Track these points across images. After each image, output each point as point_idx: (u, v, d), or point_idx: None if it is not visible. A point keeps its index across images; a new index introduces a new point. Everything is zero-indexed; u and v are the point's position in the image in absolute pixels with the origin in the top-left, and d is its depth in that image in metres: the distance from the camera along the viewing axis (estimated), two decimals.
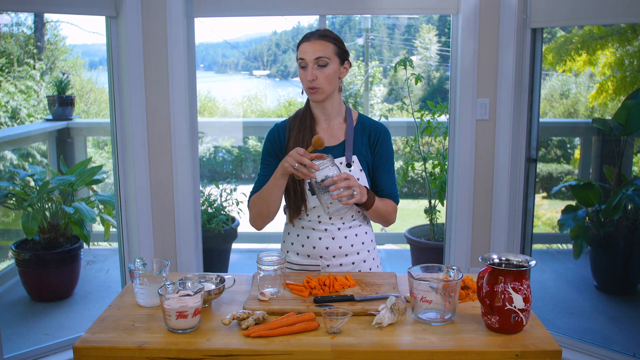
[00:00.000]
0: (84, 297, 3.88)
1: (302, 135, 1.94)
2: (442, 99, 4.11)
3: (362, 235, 2.00)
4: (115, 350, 1.42)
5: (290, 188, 1.92)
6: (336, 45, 1.89)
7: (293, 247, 2.00)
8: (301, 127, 1.95)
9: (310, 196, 1.91)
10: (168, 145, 3.27)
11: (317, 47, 1.86)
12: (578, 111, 6.29)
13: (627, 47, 4.38)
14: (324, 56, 1.85)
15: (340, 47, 1.90)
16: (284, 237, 2.05)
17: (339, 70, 1.90)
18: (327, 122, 1.97)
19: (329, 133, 1.97)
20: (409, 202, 7.57)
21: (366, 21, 10.05)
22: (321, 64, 1.86)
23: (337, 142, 1.96)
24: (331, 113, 1.96)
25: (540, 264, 3.98)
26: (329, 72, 1.87)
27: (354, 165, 1.92)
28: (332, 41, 1.88)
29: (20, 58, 6.45)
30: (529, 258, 1.50)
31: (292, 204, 1.95)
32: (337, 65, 1.89)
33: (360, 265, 1.99)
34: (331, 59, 1.87)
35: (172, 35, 3.17)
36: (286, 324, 1.49)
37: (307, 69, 1.87)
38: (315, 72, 1.86)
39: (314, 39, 1.87)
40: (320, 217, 1.94)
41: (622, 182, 3.70)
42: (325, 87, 1.88)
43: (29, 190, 3.76)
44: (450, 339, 1.45)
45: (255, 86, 11.61)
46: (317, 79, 1.86)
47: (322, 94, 1.89)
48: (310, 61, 1.86)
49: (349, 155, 1.93)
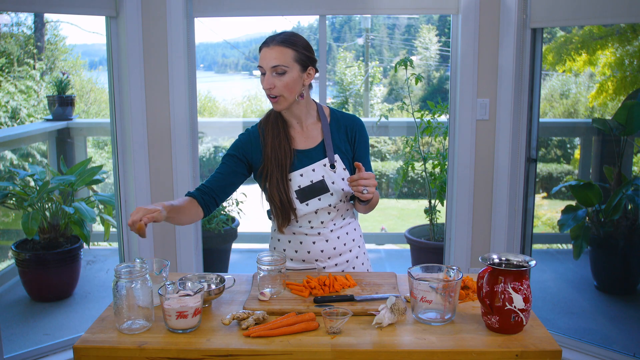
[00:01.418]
0: (84, 297, 3.88)
1: (278, 140, 1.88)
2: (442, 99, 4.11)
3: (352, 232, 1.99)
4: (115, 350, 1.42)
5: (275, 198, 1.86)
6: (297, 51, 1.78)
7: (286, 253, 1.96)
8: (275, 132, 1.89)
9: (298, 204, 1.87)
10: (168, 145, 3.27)
11: (275, 54, 1.76)
12: (578, 111, 6.30)
13: (627, 47, 4.38)
14: (281, 64, 1.76)
15: (302, 53, 1.80)
16: (273, 244, 1.99)
17: (300, 77, 1.81)
18: (300, 125, 1.92)
19: (305, 135, 1.92)
20: (409, 202, 7.58)
21: (366, 21, 10.06)
22: (279, 72, 1.77)
23: (315, 143, 1.92)
24: (301, 115, 1.90)
25: (540, 264, 3.98)
26: (287, 81, 1.78)
27: (337, 165, 1.89)
28: (292, 47, 1.78)
29: (20, 58, 6.46)
30: (529, 258, 1.50)
31: (280, 213, 1.89)
32: (298, 72, 1.79)
33: (353, 262, 1.99)
34: (290, 67, 1.77)
35: (172, 35, 3.17)
36: (286, 324, 1.49)
37: (265, 76, 1.80)
38: (273, 80, 1.78)
39: (272, 45, 1.78)
40: (311, 222, 1.90)
41: (622, 182, 3.70)
42: (285, 94, 1.80)
43: (29, 190, 3.76)
44: (450, 339, 1.45)
45: (255, 86, 11.61)
46: (275, 87, 1.78)
47: (283, 102, 1.81)
48: (268, 69, 1.77)
49: (331, 155, 1.89)
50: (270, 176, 1.87)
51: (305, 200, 1.87)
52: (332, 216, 1.91)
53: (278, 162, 1.86)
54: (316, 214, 1.89)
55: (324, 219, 1.91)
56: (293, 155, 1.88)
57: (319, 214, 1.89)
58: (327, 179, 1.87)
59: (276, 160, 1.86)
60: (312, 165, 1.88)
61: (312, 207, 1.87)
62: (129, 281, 1.48)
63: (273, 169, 1.86)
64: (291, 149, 1.88)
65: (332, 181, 1.87)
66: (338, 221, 1.94)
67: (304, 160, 1.88)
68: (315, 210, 1.88)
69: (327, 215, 1.90)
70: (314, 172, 1.87)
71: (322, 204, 1.87)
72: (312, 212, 1.88)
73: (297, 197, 1.86)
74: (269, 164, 1.87)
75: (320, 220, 1.90)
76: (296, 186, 1.87)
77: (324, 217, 1.90)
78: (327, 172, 1.88)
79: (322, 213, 1.90)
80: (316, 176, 1.87)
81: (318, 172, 1.87)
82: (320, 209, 1.88)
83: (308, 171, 1.87)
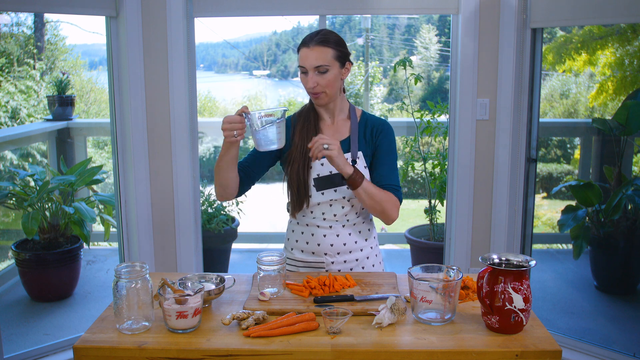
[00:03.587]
0: (84, 297, 3.88)
1: (306, 130, 1.95)
2: (442, 99, 4.11)
3: (365, 232, 2.01)
4: (115, 350, 1.42)
5: (293, 182, 1.93)
6: (336, 49, 1.86)
7: (297, 244, 2.01)
8: (305, 123, 1.97)
9: (314, 192, 1.92)
10: (168, 145, 3.27)
11: (316, 54, 1.84)
12: (578, 111, 6.30)
13: (627, 47, 4.38)
14: (323, 64, 1.84)
15: (340, 50, 1.88)
16: (288, 235, 2.06)
17: (340, 73, 1.89)
18: (331, 119, 1.99)
19: (334, 129, 1.99)
20: (409, 202, 7.58)
21: (366, 21, 10.06)
22: (321, 71, 1.85)
23: (341, 138, 1.97)
24: (334, 110, 1.98)
25: (540, 264, 3.98)
26: (329, 78, 1.86)
27: (359, 161, 1.94)
28: (332, 46, 1.86)
29: (20, 58, 6.46)
30: (529, 258, 1.50)
31: (295, 198, 1.95)
32: (338, 69, 1.88)
33: (363, 262, 2.01)
34: (331, 65, 1.85)
35: (172, 35, 3.17)
36: (286, 324, 1.49)
37: (307, 75, 1.87)
38: (316, 78, 1.85)
39: (312, 45, 1.85)
40: (324, 214, 1.95)
41: (622, 182, 3.70)
42: (328, 91, 1.88)
43: (29, 190, 3.76)
44: (450, 339, 1.45)
45: (255, 86, 11.63)
46: (318, 85, 1.86)
47: (325, 98, 1.90)
48: (310, 69, 1.85)
49: (355, 151, 1.94)
50: (293, 162, 1.94)
51: (321, 189, 1.92)
52: (346, 211, 1.94)
53: (302, 150, 1.93)
54: (331, 207, 1.94)
55: (337, 212, 1.94)
56: None
57: (333, 206, 1.94)
58: None
59: (302, 147, 1.93)
60: None
61: (327, 197, 1.92)
62: (129, 281, 1.48)
63: (297, 155, 1.93)
64: None
65: None
66: (352, 217, 1.97)
67: None
68: (329, 202, 1.93)
69: (341, 210, 1.94)
70: None
71: (338, 195, 1.92)
72: (326, 202, 1.93)
73: (314, 184, 1.92)
74: (294, 150, 1.94)
75: (334, 212, 1.94)
76: (315, 174, 1.92)
77: (338, 210, 1.94)
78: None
79: (336, 205, 1.93)
80: None
81: None
82: (335, 200, 1.93)
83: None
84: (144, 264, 1.53)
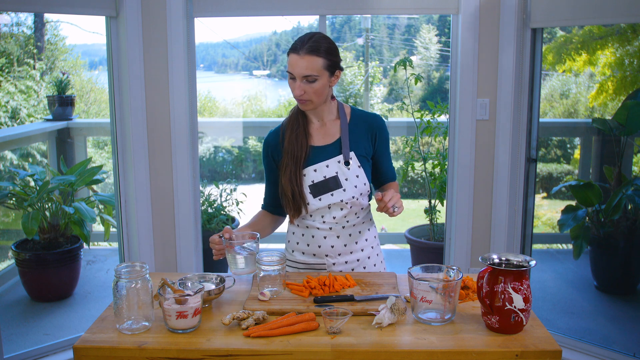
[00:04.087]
0: (84, 297, 3.88)
1: (295, 135, 1.94)
2: (442, 99, 4.11)
3: (366, 232, 2.01)
4: (115, 350, 1.42)
5: (287, 191, 1.92)
6: (326, 58, 1.82)
7: (298, 246, 2.01)
8: (294, 127, 1.96)
9: (311, 199, 1.92)
10: (168, 145, 3.27)
11: (306, 63, 1.80)
12: (578, 111, 6.29)
13: (627, 47, 4.38)
14: (312, 74, 1.81)
15: (330, 60, 1.84)
16: (288, 237, 2.06)
17: (328, 81, 1.87)
18: (320, 122, 1.98)
19: (323, 132, 1.98)
20: (409, 202, 7.57)
21: (366, 21, 10.05)
22: (310, 80, 1.82)
23: (332, 140, 1.97)
24: (322, 114, 1.97)
25: (540, 264, 3.98)
26: (317, 87, 1.83)
27: (352, 162, 1.93)
28: (323, 55, 1.82)
29: (20, 58, 6.46)
30: (529, 258, 1.50)
31: (292, 205, 1.94)
32: (327, 78, 1.85)
33: (364, 262, 2.01)
34: (320, 75, 1.82)
35: (172, 35, 3.17)
36: (286, 324, 1.49)
37: (295, 82, 1.84)
38: (304, 87, 1.83)
39: (303, 53, 1.80)
40: (324, 216, 1.95)
41: (622, 182, 3.70)
42: (314, 99, 1.86)
43: (29, 190, 3.76)
44: (450, 339, 1.45)
45: (255, 86, 11.63)
46: (305, 93, 1.84)
47: (311, 105, 1.89)
48: (299, 77, 1.82)
49: (346, 152, 1.94)
50: (285, 168, 1.93)
51: (318, 195, 1.92)
52: (345, 212, 1.94)
53: (293, 155, 1.93)
54: (329, 209, 1.94)
55: (337, 215, 1.94)
56: (308, 150, 1.94)
57: (332, 210, 1.94)
58: (341, 176, 1.92)
59: (292, 153, 1.93)
60: (326, 161, 1.93)
61: (324, 202, 1.92)
62: (129, 281, 1.48)
63: (288, 161, 1.93)
64: (307, 144, 1.94)
65: (345, 178, 1.92)
66: (351, 219, 1.96)
67: (319, 156, 1.94)
68: (328, 206, 1.93)
69: (340, 212, 1.94)
70: (328, 168, 1.92)
71: (335, 199, 1.92)
72: (324, 207, 1.93)
73: (310, 192, 1.92)
74: (285, 157, 1.94)
75: (333, 215, 1.94)
76: (310, 181, 1.92)
77: (337, 212, 1.94)
78: (341, 168, 1.92)
79: (334, 208, 1.94)
80: (330, 172, 1.92)
81: (332, 168, 1.92)
82: (333, 204, 1.92)
83: (322, 167, 1.92)
84: (144, 264, 1.53)
